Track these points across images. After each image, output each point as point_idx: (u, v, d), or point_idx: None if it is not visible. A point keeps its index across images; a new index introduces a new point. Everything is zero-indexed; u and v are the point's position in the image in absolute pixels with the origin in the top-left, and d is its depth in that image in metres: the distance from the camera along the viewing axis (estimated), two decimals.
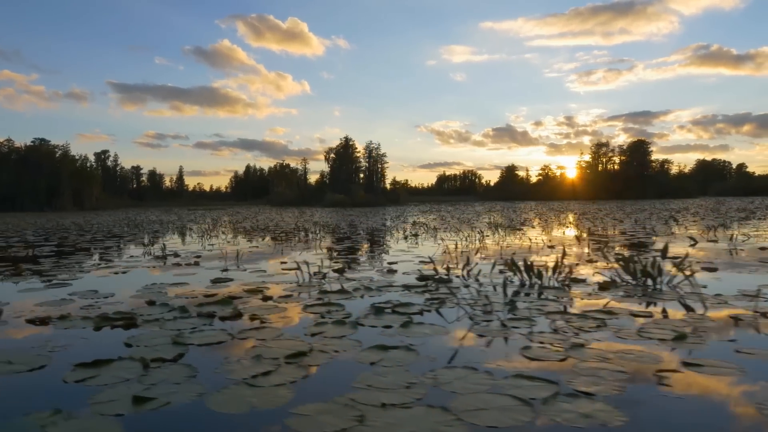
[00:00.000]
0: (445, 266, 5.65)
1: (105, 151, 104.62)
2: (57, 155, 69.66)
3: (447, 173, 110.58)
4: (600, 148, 73.73)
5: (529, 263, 4.99)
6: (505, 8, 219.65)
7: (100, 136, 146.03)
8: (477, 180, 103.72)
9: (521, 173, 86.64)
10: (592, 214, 21.69)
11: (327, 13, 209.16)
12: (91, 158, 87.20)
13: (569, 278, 4.87)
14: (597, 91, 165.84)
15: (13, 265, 6.90)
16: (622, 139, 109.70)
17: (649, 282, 4.58)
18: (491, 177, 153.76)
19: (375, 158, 71.71)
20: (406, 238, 10.64)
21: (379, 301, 4.05)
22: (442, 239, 10.15)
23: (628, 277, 4.79)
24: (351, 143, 71.71)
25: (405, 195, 65.10)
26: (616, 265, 5.22)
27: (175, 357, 2.72)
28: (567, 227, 13.54)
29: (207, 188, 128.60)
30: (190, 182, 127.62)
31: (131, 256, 7.98)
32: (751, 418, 1.91)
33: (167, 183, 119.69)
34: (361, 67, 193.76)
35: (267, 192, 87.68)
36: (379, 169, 71.22)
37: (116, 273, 6.13)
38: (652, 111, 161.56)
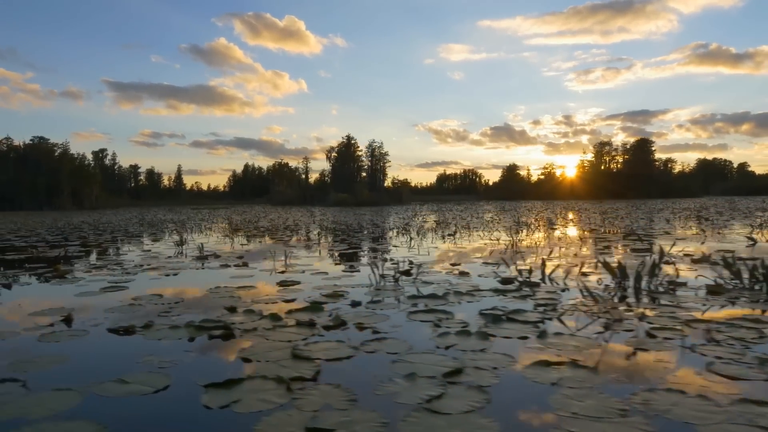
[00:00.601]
0: (521, 267, 5.33)
1: (103, 150, 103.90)
2: (56, 154, 69.03)
3: (447, 172, 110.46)
4: (603, 147, 73.60)
5: (622, 265, 4.68)
6: (504, 7, 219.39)
7: (96, 135, 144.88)
8: (477, 179, 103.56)
9: (522, 172, 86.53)
10: (611, 213, 21.40)
11: (324, 11, 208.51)
12: (89, 157, 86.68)
13: (669, 282, 4.55)
14: (595, 90, 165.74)
15: (51, 267, 6.53)
16: (620, 138, 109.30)
17: (758, 287, 4.27)
18: (490, 176, 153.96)
19: (377, 157, 71.35)
20: (443, 237, 10.31)
21: (484, 308, 3.72)
22: (482, 238, 9.83)
23: (736, 281, 4.47)
24: (353, 142, 71.33)
25: (408, 194, 64.72)
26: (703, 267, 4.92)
27: (314, 376, 2.38)
28: (602, 226, 13.21)
29: (204, 187, 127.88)
30: (187, 181, 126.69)
31: (168, 257, 7.62)
32: None
33: (165, 182, 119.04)
34: (358, 65, 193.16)
35: (265, 191, 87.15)
36: (382, 168, 70.85)
37: (167, 275, 5.77)
38: (651, 110, 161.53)
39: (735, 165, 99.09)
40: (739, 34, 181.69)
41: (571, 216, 19.67)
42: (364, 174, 70.79)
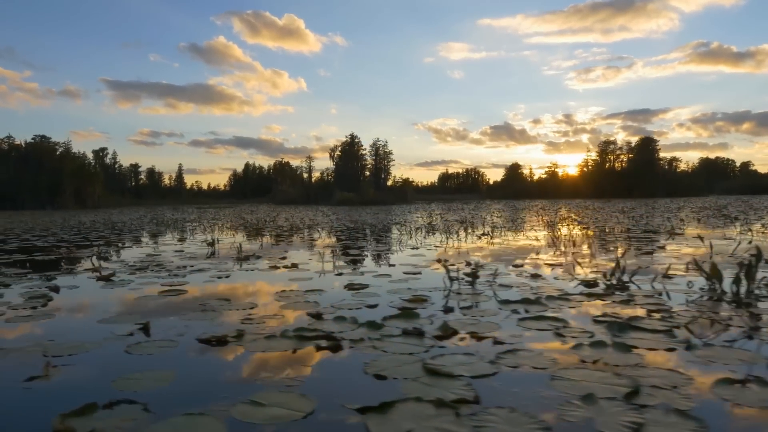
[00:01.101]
0: (594, 269, 5.05)
1: (103, 149, 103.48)
2: (58, 153, 68.60)
3: (449, 171, 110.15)
4: (607, 146, 73.34)
5: (715, 267, 4.40)
6: (504, 5, 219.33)
7: (94, 134, 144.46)
8: (480, 178, 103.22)
9: (524, 171, 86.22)
10: (629, 212, 21.12)
11: (324, 9, 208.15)
12: (90, 156, 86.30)
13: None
14: (596, 89, 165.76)
15: (94, 269, 6.24)
16: (620, 137, 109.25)
17: None
18: (491, 175, 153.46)
19: (381, 156, 70.97)
20: (480, 236, 10.02)
21: (592, 315, 3.44)
22: (520, 236, 9.56)
23: None
24: (356, 140, 70.95)
25: (412, 193, 64.37)
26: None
27: (476, 397, 2.09)
28: (634, 224, 12.91)
29: (205, 186, 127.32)
30: (187, 180, 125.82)
31: (207, 257, 7.32)
32: None
33: (166, 181, 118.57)
34: (358, 64, 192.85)
35: (266, 190, 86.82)
36: (386, 167, 70.48)
37: (218, 277, 5.48)
38: (652, 109, 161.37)
39: (737, 164, 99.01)
40: (740, 33, 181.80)
41: (591, 214, 19.37)
42: (367, 173, 70.40)
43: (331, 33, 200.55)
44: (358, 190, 55.03)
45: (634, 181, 64.43)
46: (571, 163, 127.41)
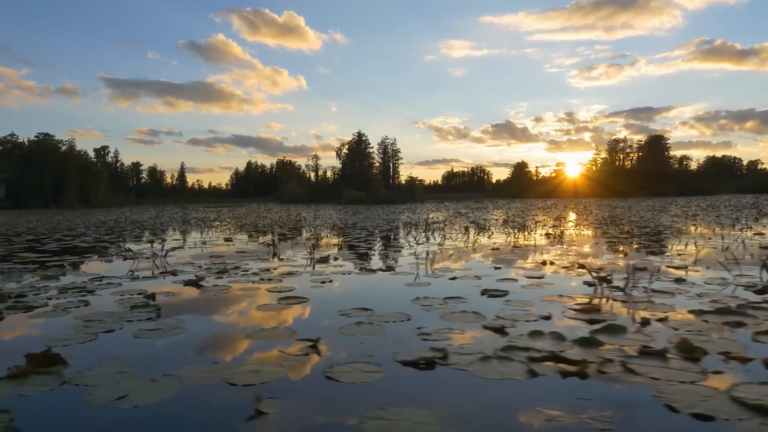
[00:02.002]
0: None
1: (105, 147, 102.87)
2: (61, 150, 67.89)
3: (454, 170, 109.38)
4: (617, 144, 72.90)
5: None
6: (505, 2, 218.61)
7: (92, 133, 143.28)
8: (486, 177, 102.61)
9: (529, 170, 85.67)
10: (661, 210, 20.63)
11: (324, 6, 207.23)
12: (91, 154, 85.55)
13: None
14: (598, 87, 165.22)
15: (167, 272, 5.72)
16: (623, 135, 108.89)
17: None
18: (493, 174, 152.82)
19: (390, 154, 70.36)
20: (548, 236, 9.52)
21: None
22: (581, 235, 9.06)
23: None
24: (364, 138, 70.30)
25: (421, 192, 63.80)
26: None
27: None
28: (682, 224, 12.42)
29: (206, 185, 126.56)
30: (188, 179, 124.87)
31: (282, 259, 6.80)
32: None
33: (167, 180, 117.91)
34: (358, 62, 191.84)
35: (268, 189, 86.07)
36: (395, 166, 69.90)
37: (322, 282, 4.96)
38: (654, 107, 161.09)
39: (744, 162, 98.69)
40: (744, 30, 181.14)
41: (621, 213, 18.86)
42: (375, 171, 69.78)
43: (331, 30, 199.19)
44: (367, 188, 54.43)
45: (644, 179, 63.95)
46: (573, 162, 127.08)
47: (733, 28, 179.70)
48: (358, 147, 70.17)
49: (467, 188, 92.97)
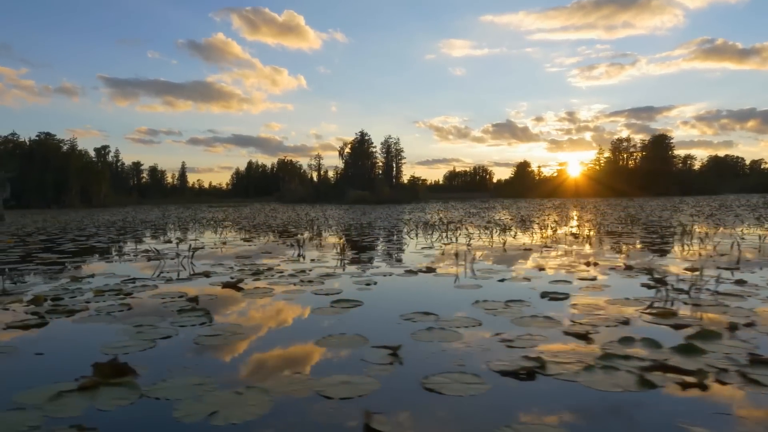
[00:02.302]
0: None
1: (105, 147, 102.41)
2: (63, 150, 67.64)
3: (456, 169, 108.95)
4: (620, 144, 72.67)
5: None
6: (506, 1, 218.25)
7: (92, 132, 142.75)
8: (488, 176, 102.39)
9: (532, 170, 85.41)
10: (680, 210, 20.46)
11: (324, 6, 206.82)
12: (91, 154, 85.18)
13: None
14: (599, 86, 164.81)
15: (201, 273, 5.54)
16: (625, 134, 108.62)
17: None
18: (495, 173, 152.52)
19: (393, 154, 70.08)
20: (575, 236, 9.34)
21: None
22: (619, 236, 8.88)
23: None
24: (367, 138, 70.05)
25: (424, 192, 63.53)
26: None
27: None
28: (709, 222, 12.25)
29: (206, 185, 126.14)
30: (188, 179, 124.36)
31: (312, 260, 6.62)
32: None
33: (168, 179, 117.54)
34: (358, 61, 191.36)
35: (270, 189, 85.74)
36: (398, 165, 69.64)
37: (367, 284, 4.78)
38: (655, 106, 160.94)
39: (747, 162, 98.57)
40: (745, 30, 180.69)
41: (635, 212, 18.68)
42: (378, 171, 69.53)
43: (331, 29, 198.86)
44: (370, 188, 54.21)
45: (648, 179, 63.74)
46: (575, 161, 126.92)
47: (734, 27, 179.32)
48: (360, 146, 69.94)
49: (469, 188, 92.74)
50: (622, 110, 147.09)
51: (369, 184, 60.29)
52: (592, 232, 10.24)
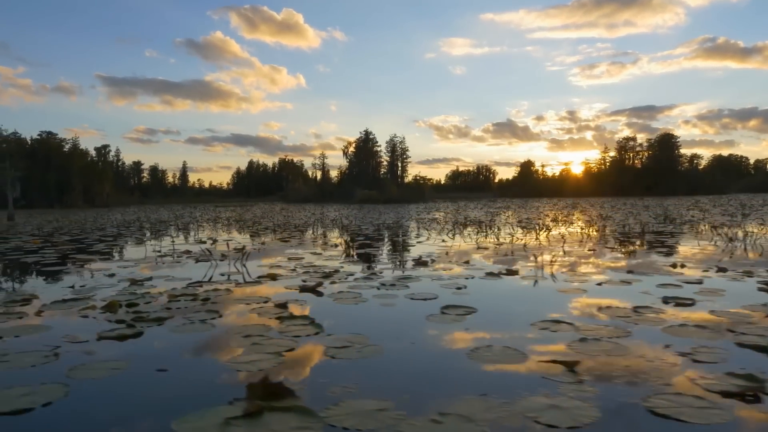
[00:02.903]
0: None
1: (105, 146, 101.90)
2: (65, 149, 67.19)
3: (459, 169, 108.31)
4: (626, 143, 72.31)
5: None
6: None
7: (89, 131, 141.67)
8: (491, 176, 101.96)
9: (536, 169, 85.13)
10: (701, 209, 20.17)
11: (323, 4, 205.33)
12: (92, 153, 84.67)
13: None
14: (600, 85, 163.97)
15: (268, 276, 5.22)
16: (625, 134, 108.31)
17: None
18: (498, 172, 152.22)
19: (399, 153, 69.71)
20: (629, 237, 9.04)
21: None
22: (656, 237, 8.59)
23: None
24: (371, 137, 69.66)
25: (430, 191, 63.12)
26: None
27: None
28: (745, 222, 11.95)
29: (207, 185, 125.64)
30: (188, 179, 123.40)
31: (349, 261, 6.30)
32: None
33: (169, 179, 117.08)
34: (358, 60, 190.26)
35: (272, 189, 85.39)
36: (404, 164, 69.25)
37: (458, 288, 4.46)
38: (657, 105, 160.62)
39: (751, 161, 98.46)
40: (747, 28, 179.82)
41: (665, 212, 18.38)
42: (383, 170, 69.14)
43: (330, 28, 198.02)
44: (376, 187, 53.86)
45: (654, 178, 63.45)
46: (577, 160, 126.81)
47: (736, 26, 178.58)
48: (365, 145, 69.53)
49: (473, 187, 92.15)
50: (623, 109, 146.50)
51: (374, 183, 59.94)
52: (642, 232, 9.93)
